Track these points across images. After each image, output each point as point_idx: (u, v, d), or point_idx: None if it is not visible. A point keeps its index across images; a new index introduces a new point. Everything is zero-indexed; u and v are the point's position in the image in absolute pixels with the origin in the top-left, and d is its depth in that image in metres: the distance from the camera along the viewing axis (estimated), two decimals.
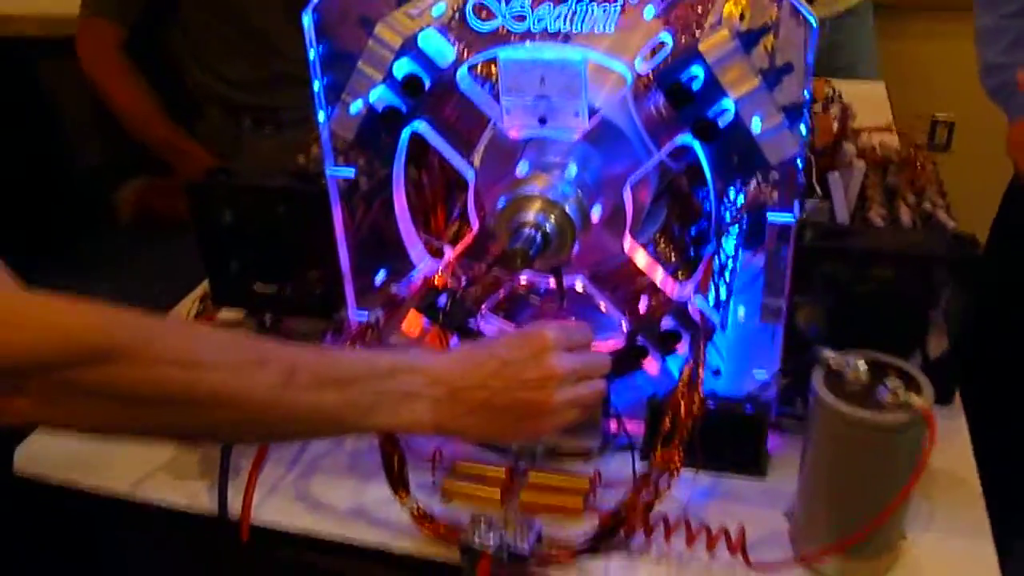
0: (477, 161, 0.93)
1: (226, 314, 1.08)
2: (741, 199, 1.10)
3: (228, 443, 0.86)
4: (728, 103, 0.79)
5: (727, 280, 0.96)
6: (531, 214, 0.81)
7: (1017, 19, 1.50)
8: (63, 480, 0.94)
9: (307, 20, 0.86)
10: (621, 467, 0.90)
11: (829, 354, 0.76)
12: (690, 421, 0.80)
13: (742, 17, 0.86)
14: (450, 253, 0.96)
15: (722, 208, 1.05)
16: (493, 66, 0.91)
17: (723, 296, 0.96)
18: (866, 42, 2.18)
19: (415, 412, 0.74)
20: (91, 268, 2.47)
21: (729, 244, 1.06)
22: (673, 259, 0.97)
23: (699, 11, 0.86)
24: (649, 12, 0.87)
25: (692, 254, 1.00)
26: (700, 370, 0.82)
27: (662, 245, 0.97)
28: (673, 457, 0.79)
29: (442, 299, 0.96)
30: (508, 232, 0.83)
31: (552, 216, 0.82)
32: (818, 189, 0.96)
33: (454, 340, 0.97)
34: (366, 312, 0.98)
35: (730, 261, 1.02)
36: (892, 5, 2.29)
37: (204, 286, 1.08)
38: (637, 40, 0.89)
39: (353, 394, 0.71)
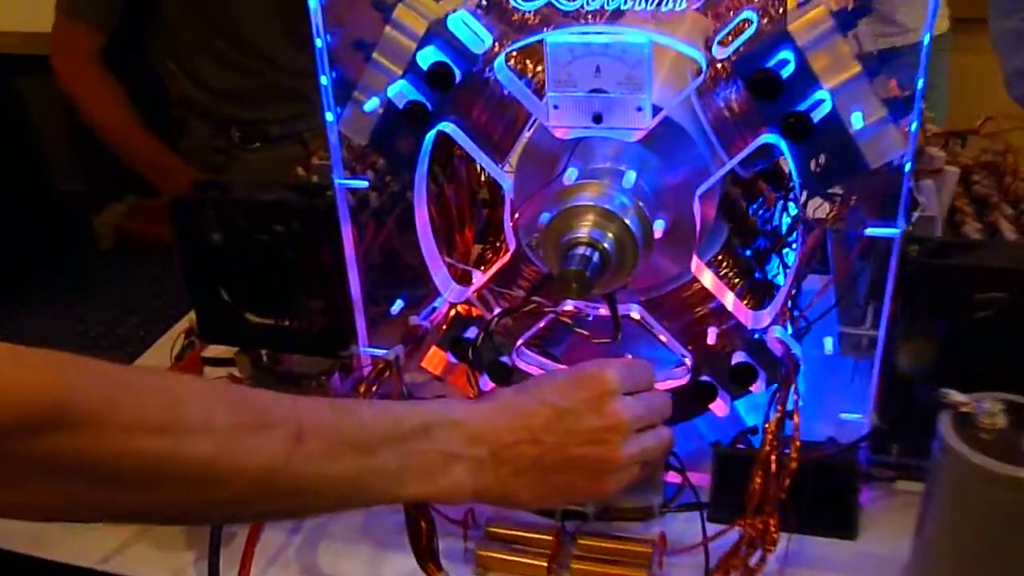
0: (512, 170, 0.79)
1: (215, 350, 0.94)
2: (792, 210, 0.97)
3: (221, 524, 0.71)
4: (823, 94, 0.66)
5: (803, 307, 0.82)
6: (584, 229, 0.68)
7: None
8: (26, 550, 0.79)
9: (313, 2, 0.72)
10: (686, 528, 0.76)
11: (957, 397, 0.62)
12: (787, 481, 0.65)
13: None
14: (480, 278, 0.82)
15: (791, 222, 0.92)
16: (529, 60, 0.77)
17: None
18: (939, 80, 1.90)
19: (453, 477, 0.60)
20: (68, 297, 2.32)
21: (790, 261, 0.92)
22: (738, 282, 0.83)
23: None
24: None
25: (759, 276, 0.86)
26: (796, 417, 0.68)
27: (725, 267, 0.83)
28: (769, 527, 0.64)
29: (471, 332, 0.82)
30: (557, 252, 0.69)
31: (610, 231, 0.68)
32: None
33: (484, 380, 0.83)
34: (378, 349, 0.84)
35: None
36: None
37: (190, 318, 0.93)
38: (698, 31, 0.76)
39: (378, 460, 0.57)
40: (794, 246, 0.95)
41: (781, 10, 0.73)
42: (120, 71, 1.55)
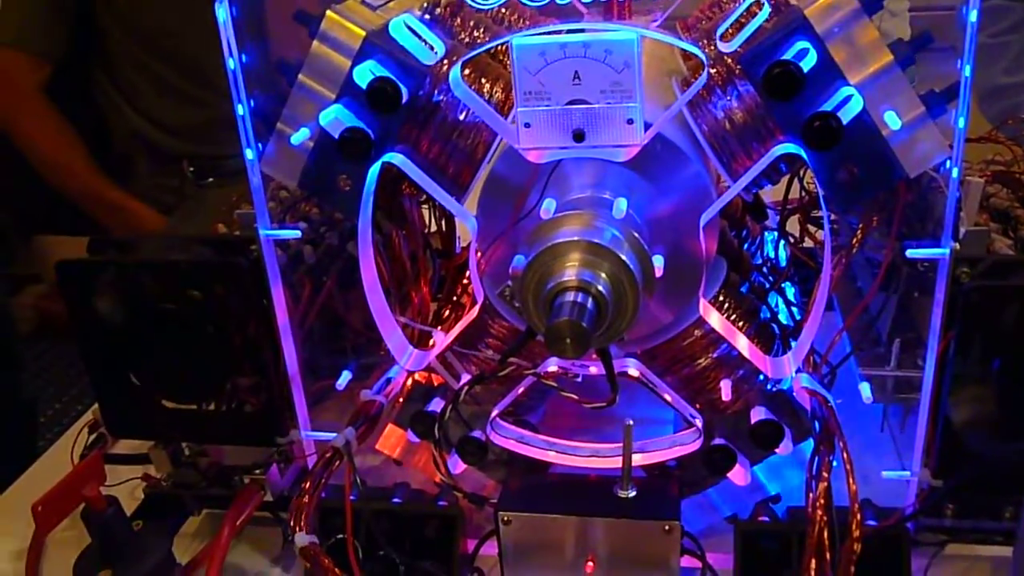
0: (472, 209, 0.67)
1: (127, 444, 0.78)
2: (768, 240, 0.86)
3: None
4: (849, 91, 0.55)
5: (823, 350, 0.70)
6: (571, 271, 0.55)
7: (1014, 34, 1.33)
8: None
9: (222, 13, 0.59)
10: None
11: None
12: (852, 568, 0.52)
13: None
14: (442, 339, 0.68)
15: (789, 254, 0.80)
16: (485, 79, 0.65)
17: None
18: None
19: None
20: None
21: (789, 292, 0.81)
22: (743, 326, 0.71)
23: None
24: None
25: (765, 315, 0.74)
26: (852, 482, 0.55)
27: (728, 308, 0.71)
28: None
29: (434, 404, 0.69)
30: (540, 302, 0.56)
31: (602, 271, 0.55)
32: None
33: (453, 461, 0.69)
34: (324, 433, 0.70)
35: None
36: None
37: (96, 409, 0.78)
38: (663, 71, 0.65)
39: None
40: (794, 281, 0.85)
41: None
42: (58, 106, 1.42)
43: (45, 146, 1.40)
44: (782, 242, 0.82)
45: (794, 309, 0.78)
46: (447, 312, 0.80)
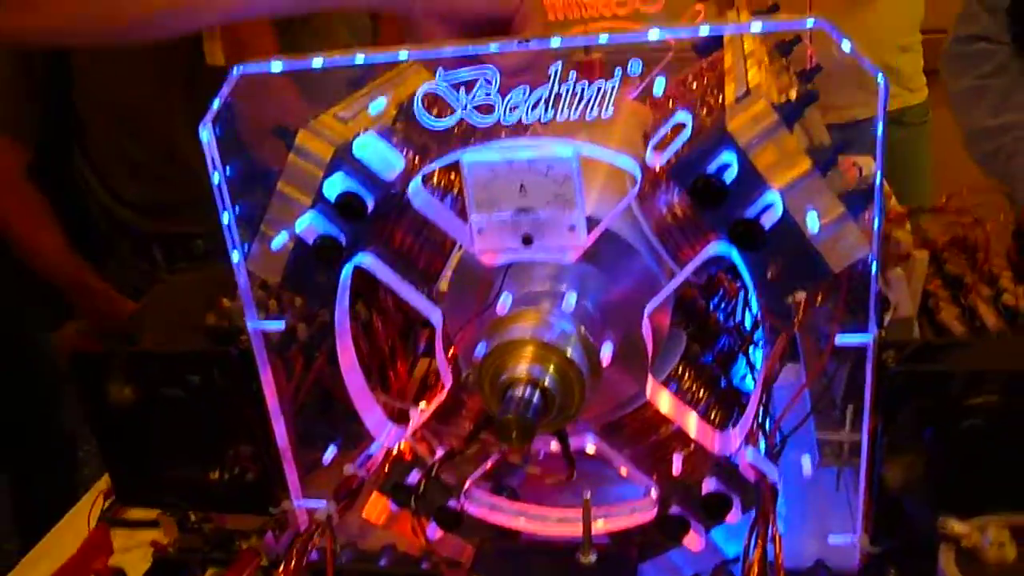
0: (443, 294, 0.72)
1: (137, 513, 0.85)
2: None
3: None
4: (772, 196, 0.59)
5: (776, 416, 0.75)
6: (523, 366, 0.61)
7: (997, 78, 1.36)
8: None
9: (205, 135, 0.65)
10: None
11: (958, 527, 0.55)
12: None
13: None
14: (418, 417, 0.74)
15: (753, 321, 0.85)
16: (455, 173, 0.71)
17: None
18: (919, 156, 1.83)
19: None
20: None
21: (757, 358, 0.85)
22: (703, 395, 0.76)
23: (710, 82, 0.66)
24: (659, 85, 0.68)
25: (724, 384, 0.79)
26: (778, 554, 0.60)
27: (687, 379, 0.76)
28: None
29: (413, 476, 0.74)
30: (494, 392, 0.62)
31: (551, 366, 0.61)
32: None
33: (432, 528, 0.74)
34: (315, 501, 0.76)
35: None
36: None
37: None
38: (635, 126, 0.70)
39: None
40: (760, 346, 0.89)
41: (720, 98, 0.67)
42: (42, 187, 1.46)
43: (21, 228, 1.42)
44: (748, 307, 0.86)
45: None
46: (434, 378, 0.85)
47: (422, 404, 0.76)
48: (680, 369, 0.76)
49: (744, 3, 0.96)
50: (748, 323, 0.89)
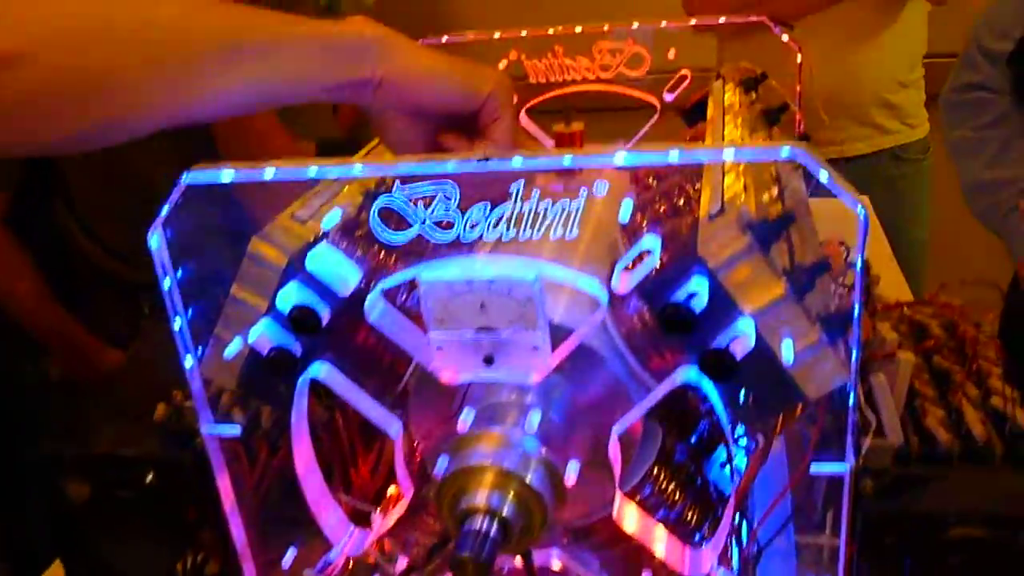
0: (408, 393, 0.70)
1: None
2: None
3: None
4: (746, 324, 0.56)
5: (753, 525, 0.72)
6: (481, 496, 0.58)
7: (996, 129, 1.32)
8: None
9: (154, 241, 0.62)
10: None
11: None
12: None
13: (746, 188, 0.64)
14: (379, 524, 0.71)
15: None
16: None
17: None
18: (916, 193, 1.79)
19: None
20: None
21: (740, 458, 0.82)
22: (678, 498, 0.73)
23: (685, 194, 0.63)
24: (626, 209, 0.64)
25: (700, 481, 0.76)
26: None
27: (663, 479, 0.73)
28: None
29: None
30: (453, 519, 0.59)
31: (511, 493, 0.58)
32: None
33: None
34: None
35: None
36: None
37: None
38: (605, 242, 0.67)
39: None
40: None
41: (692, 212, 0.64)
42: (23, 234, 1.43)
43: (9, 283, 1.40)
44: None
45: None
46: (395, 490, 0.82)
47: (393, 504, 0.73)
48: (655, 469, 0.73)
49: (731, 72, 0.93)
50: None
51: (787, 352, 0.56)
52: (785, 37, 0.90)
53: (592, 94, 0.97)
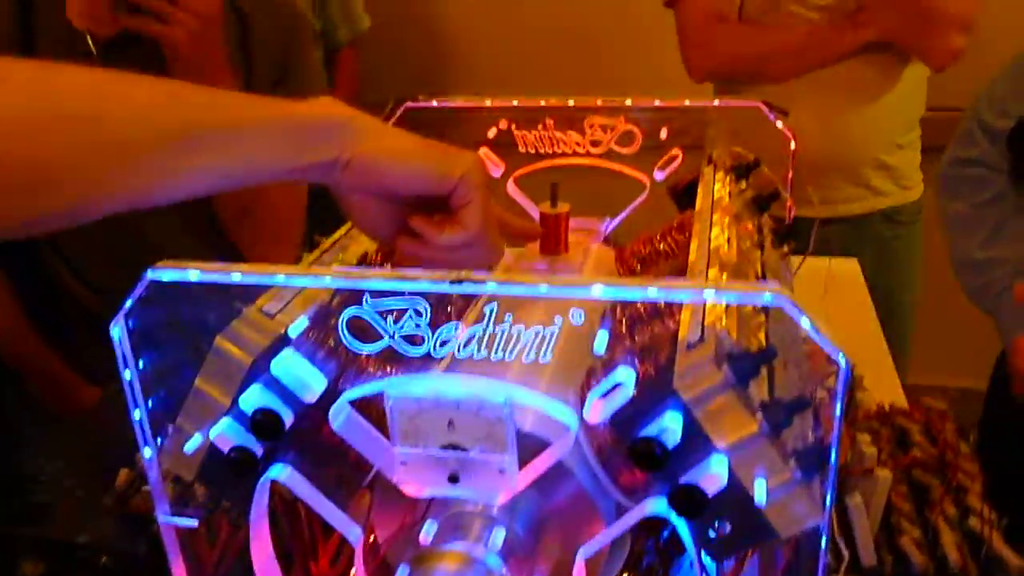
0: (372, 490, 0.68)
1: None
2: None
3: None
4: (718, 461, 0.55)
5: None
6: None
7: (992, 207, 1.31)
8: None
9: (116, 332, 0.60)
10: None
11: None
12: None
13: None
14: None
15: None
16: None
17: None
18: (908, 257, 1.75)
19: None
20: None
21: None
22: None
23: (664, 324, 0.62)
24: (601, 341, 0.63)
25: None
26: None
27: None
28: None
29: None
30: None
31: None
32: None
33: None
34: None
35: None
36: None
37: None
38: (578, 362, 0.66)
39: None
40: None
41: (670, 330, 0.62)
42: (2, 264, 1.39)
43: None
44: None
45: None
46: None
47: None
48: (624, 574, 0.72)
49: (721, 157, 0.91)
50: None
51: (759, 492, 0.55)
52: (780, 124, 0.89)
53: (581, 165, 0.96)
